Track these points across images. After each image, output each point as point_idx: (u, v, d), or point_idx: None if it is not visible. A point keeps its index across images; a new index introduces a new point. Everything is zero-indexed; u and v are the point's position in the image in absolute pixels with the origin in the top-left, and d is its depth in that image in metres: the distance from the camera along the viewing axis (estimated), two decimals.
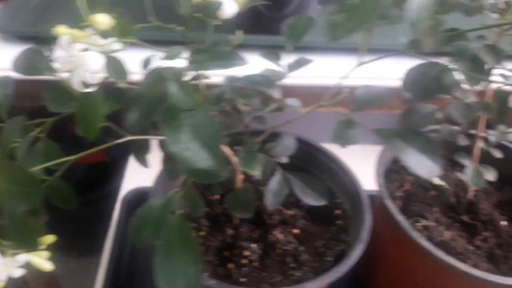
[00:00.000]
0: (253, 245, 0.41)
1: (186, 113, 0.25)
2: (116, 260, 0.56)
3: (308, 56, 0.41)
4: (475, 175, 0.41)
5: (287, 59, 0.39)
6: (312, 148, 0.48)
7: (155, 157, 0.39)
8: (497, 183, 0.47)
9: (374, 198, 0.46)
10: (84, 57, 0.23)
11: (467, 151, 0.44)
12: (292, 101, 0.39)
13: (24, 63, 0.34)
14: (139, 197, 0.61)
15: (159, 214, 0.30)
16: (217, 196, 0.46)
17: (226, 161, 0.37)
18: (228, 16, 0.28)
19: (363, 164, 0.47)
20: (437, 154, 0.32)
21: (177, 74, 0.27)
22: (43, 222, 0.29)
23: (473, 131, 0.43)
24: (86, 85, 0.24)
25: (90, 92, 0.24)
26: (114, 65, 0.25)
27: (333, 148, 0.48)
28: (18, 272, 0.26)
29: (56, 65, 0.24)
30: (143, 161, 0.39)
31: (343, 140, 0.33)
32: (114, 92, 0.29)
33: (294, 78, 0.40)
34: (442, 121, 0.43)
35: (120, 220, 0.59)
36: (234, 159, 0.37)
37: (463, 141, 0.43)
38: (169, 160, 0.37)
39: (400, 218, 0.40)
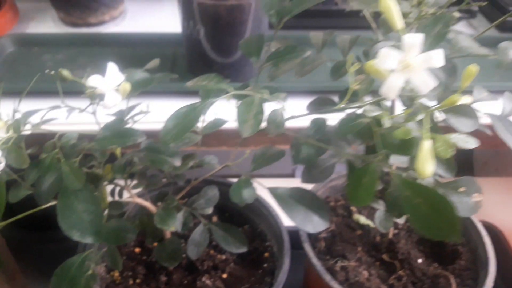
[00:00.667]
0: None
1: (75, 193, 0.29)
2: None
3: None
4: (384, 219, 0.44)
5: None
6: None
7: None
8: None
9: None
10: None
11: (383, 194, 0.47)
12: (209, 158, 0.43)
13: None
14: None
15: (76, 272, 0.34)
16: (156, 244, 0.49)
17: (151, 216, 0.41)
18: (108, 107, 0.31)
19: None
20: (324, 209, 0.35)
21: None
22: None
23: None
24: None
25: None
26: (17, 156, 0.29)
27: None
28: None
29: None
30: None
31: (240, 198, 0.36)
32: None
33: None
34: None
35: None
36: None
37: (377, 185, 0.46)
38: None
39: (315, 261, 0.44)
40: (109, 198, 0.40)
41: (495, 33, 0.89)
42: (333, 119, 0.32)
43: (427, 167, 0.21)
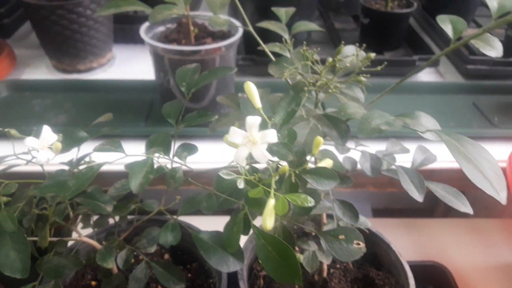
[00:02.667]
0: None
1: (9, 234, 0.34)
2: None
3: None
4: (310, 259, 0.48)
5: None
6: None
7: None
8: (359, 261, 0.54)
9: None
10: None
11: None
12: (150, 202, 0.48)
13: None
14: None
15: None
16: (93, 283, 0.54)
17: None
18: (40, 163, 0.37)
19: None
20: (239, 251, 0.40)
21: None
22: None
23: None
24: None
25: None
26: None
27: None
28: None
29: None
30: None
31: (166, 240, 0.41)
32: None
33: None
34: None
35: None
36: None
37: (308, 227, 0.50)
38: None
39: None
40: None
41: (461, 80, 0.95)
42: None
43: (268, 221, 0.26)
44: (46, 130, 0.37)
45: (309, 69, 0.44)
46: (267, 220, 0.25)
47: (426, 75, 0.95)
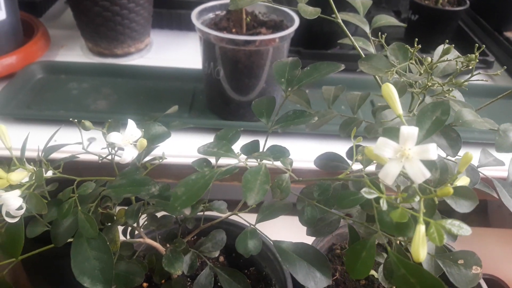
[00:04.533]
0: None
1: (88, 240, 0.31)
2: None
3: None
4: (388, 274, 0.44)
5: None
6: None
7: None
8: None
9: None
10: (6, 198, 0.29)
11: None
12: (219, 204, 0.45)
13: None
14: None
15: None
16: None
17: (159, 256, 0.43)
18: (125, 161, 0.33)
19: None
20: (326, 266, 0.36)
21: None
22: None
23: None
24: (11, 216, 0.30)
25: (14, 223, 0.31)
26: (36, 202, 0.31)
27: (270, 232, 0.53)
28: None
29: None
30: None
31: (246, 249, 0.38)
32: None
33: None
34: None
35: None
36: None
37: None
38: None
39: None
40: (121, 237, 0.42)
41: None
42: None
43: (421, 251, 0.22)
44: (132, 125, 0.33)
45: (407, 69, 0.41)
46: (420, 250, 0.22)
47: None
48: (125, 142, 0.32)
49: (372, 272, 0.52)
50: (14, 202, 0.29)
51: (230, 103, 0.73)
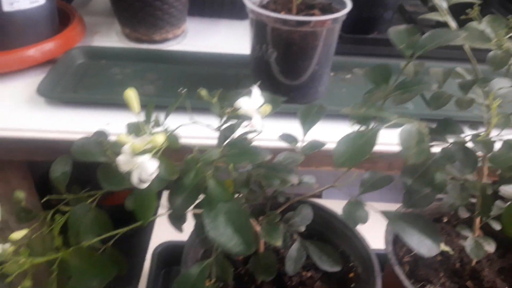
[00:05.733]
0: None
1: (222, 204, 0.31)
2: None
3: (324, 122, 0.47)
4: (475, 247, 0.45)
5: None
6: (328, 215, 0.53)
7: None
8: (500, 251, 0.51)
9: (385, 258, 0.50)
10: (142, 162, 0.29)
11: (469, 222, 0.48)
12: (308, 178, 0.45)
13: (81, 150, 0.40)
14: (168, 250, 0.66)
15: (195, 280, 0.36)
16: (240, 258, 0.51)
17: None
18: (254, 127, 0.33)
19: (377, 221, 0.52)
20: (436, 234, 0.36)
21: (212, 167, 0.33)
22: None
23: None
24: (143, 182, 0.30)
25: (145, 188, 0.30)
26: (167, 167, 0.31)
27: None
28: None
29: (120, 167, 0.30)
30: (179, 228, 0.44)
31: (353, 221, 0.38)
32: None
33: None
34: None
35: (151, 271, 0.64)
36: (258, 228, 0.43)
37: (463, 214, 0.47)
38: (201, 230, 0.43)
39: (408, 284, 0.44)
40: None
41: None
42: None
43: None
44: (257, 91, 0.33)
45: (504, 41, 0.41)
46: None
47: None
48: (253, 109, 0.32)
49: (447, 248, 0.52)
50: (150, 166, 0.29)
51: (279, 86, 0.73)
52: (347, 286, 0.48)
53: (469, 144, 0.38)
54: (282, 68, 0.71)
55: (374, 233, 0.51)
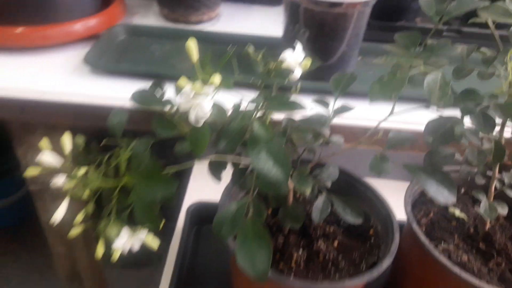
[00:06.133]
0: (300, 251, 0.50)
1: (264, 143, 0.35)
2: (180, 264, 0.65)
3: (350, 101, 0.51)
4: (489, 209, 0.49)
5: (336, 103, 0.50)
6: (352, 179, 0.57)
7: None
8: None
9: (402, 228, 0.54)
10: (199, 101, 0.34)
11: (485, 189, 0.51)
12: (336, 138, 0.49)
13: (140, 97, 0.46)
14: (200, 209, 0.71)
15: (235, 214, 0.41)
16: (269, 211, 0.56)
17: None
18: (295, 79, 0.38)
19: (395, 199, 0.56)
20: (452, 186, 0.40)
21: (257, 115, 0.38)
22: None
23: (489, 173, 0.52)
24: (199, 120, 0.35)
25: (201, 125, 0.35)
26: (218, 108, 0.36)
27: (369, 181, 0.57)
28: (137, 246, 0.37)
29: (180, 106, 0.35)
30: (217, 177, 0.49)
31: (378, 171, 0.42)
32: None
33: (338, 119, 0.49)
34: (462, 162, 0.52)
35: (184, 228, 0.69)
36: (290, 182, 0.47)
37: (480, 181, 0.51)
38: (239, 177, 0.48)
39: (424, 238, 0.48)
40: None
41: None
42: None
43: None
44: (299, 47, 0.37)
45: None
46: None
47: None
48: (295, 61, 0.37)
49: (462, 214, 0.56)
50: (206, 105, 0.34)
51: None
52: (366, 240, 0.53)
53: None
54: (313, 48, 0.75)
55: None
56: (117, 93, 0.71)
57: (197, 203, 0.72)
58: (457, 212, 0.56)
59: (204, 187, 0.66)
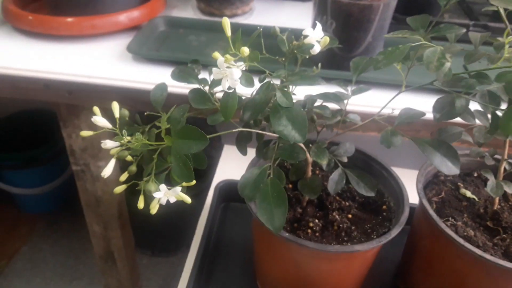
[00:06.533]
0: (316, 221, 0.55)
1: (285, 109, 0.40)
2: (207, 237, 0.71)
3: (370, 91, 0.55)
4: (495, 187, 0.52)
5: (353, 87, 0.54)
6: (368, 157, 0.61)
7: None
8: None
9: (414, 209, 0.58)
10: (231, 72, 0.40)
11: (494, 171, 0.54)
12: (353, 116, 0.53)
13: (178, 74, 0.52)
14: (228, 187, 0.77)
15: (257, 177, 0.46)
16: (290, 185, 0.60)
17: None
18: (315, 53, 0.43)
19: (409, 187, 0.59)
20: (456, 158, 0.44)
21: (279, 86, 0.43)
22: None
23: (498, 155, 0.55)
24: (230, 86, 0.41)
25: (231, 92, 0.41)
26: (247, 77, 0.41)
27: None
28: (173, 200, 0.43)
29: (214, 75, 0.41)
30: (243, 150, 0.54)
31: (388, 143, 0.46)
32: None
33: (354, 106, 0.53)
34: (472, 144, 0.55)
35: (212, 204, 0.75)
36: (307, 155, 0.52)
37: (489, 162, 0.54)
38: (262, 149, 0.53)
39: (433, 213, 0.52)
40: None
41: None
42: None
43: None
44: (319, 26, 0.42)
45: None
46: None
47: None
48: (315, 38, 0.42)
49: (473, 196, 0.59)
50: (236, 73, 0.40)
51: (335, 56, 0.81)
52: (379, 214, 0.57)
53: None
54: (340, 39, 0.79)
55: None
56: (157, 78, 0.78)
57: (225, 180, 0.78)
58: (468, 193, 0.59)
59: (232, 169, 0.71)
